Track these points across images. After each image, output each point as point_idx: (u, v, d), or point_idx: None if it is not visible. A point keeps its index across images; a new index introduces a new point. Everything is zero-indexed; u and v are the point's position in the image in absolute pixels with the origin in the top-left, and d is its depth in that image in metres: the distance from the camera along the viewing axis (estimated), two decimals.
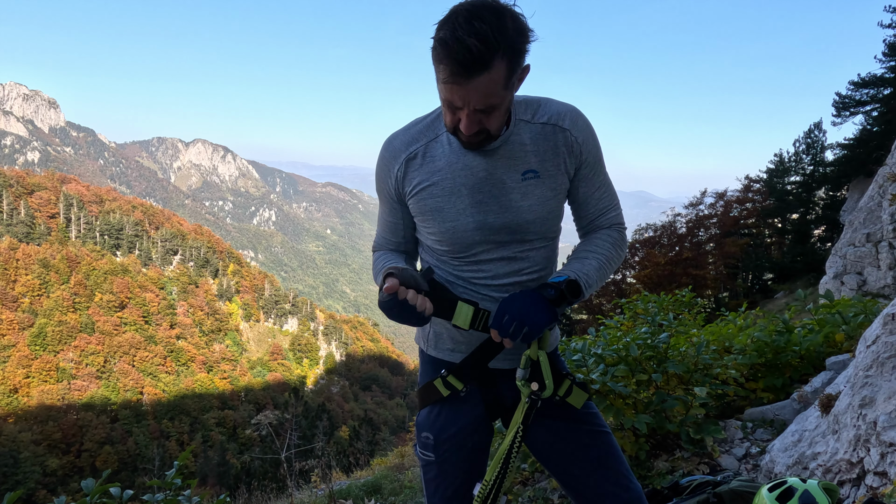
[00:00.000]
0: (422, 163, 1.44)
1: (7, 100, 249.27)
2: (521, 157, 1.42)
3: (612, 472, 1.52)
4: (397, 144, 1.47)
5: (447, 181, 1.42)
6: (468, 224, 1.43)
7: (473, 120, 1.28)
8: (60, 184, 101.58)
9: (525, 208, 1.43)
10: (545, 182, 1.43)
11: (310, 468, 6.20)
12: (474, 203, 1.42)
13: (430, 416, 1.60)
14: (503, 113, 1.32)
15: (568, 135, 1.43)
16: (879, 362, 2.47)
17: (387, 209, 1.57)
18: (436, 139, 1.44)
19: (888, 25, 19.90)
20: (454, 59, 1.16)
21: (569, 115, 1.44)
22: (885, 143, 18.41)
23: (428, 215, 1.46)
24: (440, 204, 1.43)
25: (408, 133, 1.48)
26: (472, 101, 1.23)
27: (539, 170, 1.42)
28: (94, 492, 2.02)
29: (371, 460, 8.71)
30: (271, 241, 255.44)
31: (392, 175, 1.48)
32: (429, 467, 1.62)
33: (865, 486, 2.34)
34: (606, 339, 3.66)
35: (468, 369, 1.55)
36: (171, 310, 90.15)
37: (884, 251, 9.92)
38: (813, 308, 4.49)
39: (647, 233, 26.04)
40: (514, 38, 1.19)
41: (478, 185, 1.41)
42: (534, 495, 3.46)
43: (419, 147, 1.45)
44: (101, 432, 61.16)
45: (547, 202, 1.44)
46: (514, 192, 1.42)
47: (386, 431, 47.86)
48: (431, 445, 1.59)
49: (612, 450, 1.55)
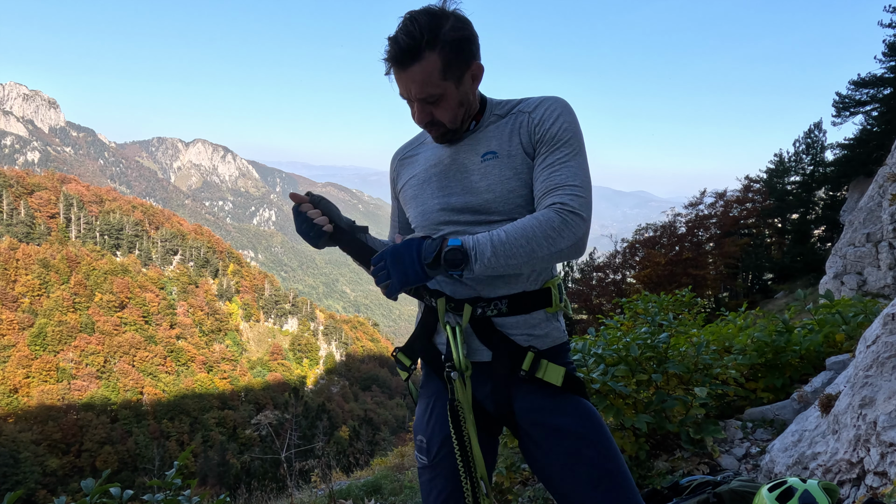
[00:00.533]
0: (409, 163, 1.66)
1: (7, 100, 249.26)
2: (482, 141, 1.51)
3: (612, 493, 1.40)
4: (400, 149, 1.73)
5: (422, 173, 1.59)
6: (434, 206, 1.53)
7: (423, 110, 1.44)
8: (60, 184, 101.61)
9: (484, 188, 1.47)
10: (504, 161, 1.46)
11: (310, 468, 6.20)
12: (440, 187, 1.53)
13: (423, 419, 1.60)
14: (454, 105, 1.44)
15: (527, 116, 1.48)
16: (879, 362, 2.47)
17: (395, 203, 1.76)
18: (422, 144, 1.66)
19: (888, 25, 19.89)
20: (389, 53, 1.37)
21: (536, 102, 1.48)
22: (885, 143, 18.41)
23: (408, 203, 1.62)
24: (416, 192, 1.59)
25: (410, 140, 1.73)
26: (413, 90, 1.40)
27: (497, 150, 1.48)
28: (93, 492, 2.02)
29: (371, 460, 8.70)
30: (271, 241, 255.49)
31: (393, 173, 1.72)
32: (423, 471, 1.59)
33: (865, 486, 2.34)
34: (606, 339, 3.66)
35: (414, 344, 1.61)
36: (171, 310, 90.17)
37: (884, 251, 9.92)
38: (813, 308, 4.49)
39: (647, 233, 26.02)
40: (447, 34, 1.35)
41: (444, 171, 1.54)
42: (534, 495, 3.46)
43: (410, 150, 1.68)
44: (101, 432, 61.18)
45: (506, 181, 1.45)
46: (474, 174, 1.49)
47: (386, 431, 47.86)
48: (425, 449, 1.57)
49: (614, 464, 1.43)
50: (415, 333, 1.61)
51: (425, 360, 1.59)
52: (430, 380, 1.62)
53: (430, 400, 1.60)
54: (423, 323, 1.58)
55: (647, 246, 24.77)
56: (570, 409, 1.46)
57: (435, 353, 1.56)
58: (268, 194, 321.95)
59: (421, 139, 1.67)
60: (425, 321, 1.57)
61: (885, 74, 20.84)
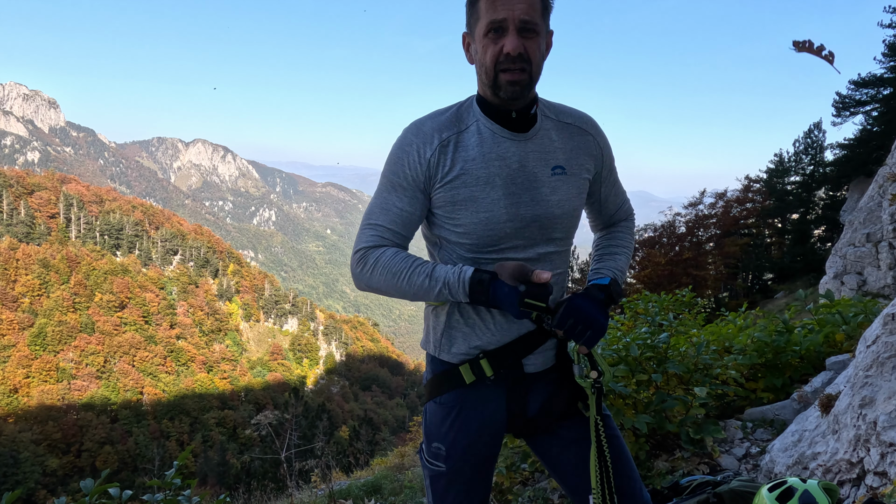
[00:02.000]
0: (455, 150, 1.40)
1: (7, 100, 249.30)
2: (550, 151, 1.46)
3: (623, 481, 1.51)
4: (428, 129, 1.42)
5: (481, 170, 1.39)
6: (502, 215, 1.40)
7: (518, 41, 1.31)
8: (60, 184, 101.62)
9: (554, 203, 1.45)
10: (571, 180, 1.49)
11: (310, 468, 6.20)
12: (508, 194, 1.40)
13: (442, 426, 1.53)
14: (542, 50, 1.37)
15: (591, 139, 1.54)
16: (879, 362, 2.47)
17: (406, 199, 1.43)
18: (466, 129, 1.42)
19: (888, 25, 19.90)
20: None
21: (589, 122, 1.56)
22: (885, 143, 18.40)
23: (460, 205, 1.40)
24: (474, 193, 1.39)
25: (437, 120, 1.44)
26: (517, 9, 1.29)
27: (566, 167, 1.48)
28: (92, 492, 2.02)
29: (371, 460, 8.70)
30: (271, 241, 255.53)
31: (424, 160, 1.40)
32: (438, 478, 1.55)
33: (865, 486, 2.34)
34: (606, 339, 3.65)
35: (503, 357, 1.48)
36: (171, 310, 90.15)
37: (884, 251, 9.92)
38: (813, 308, 4.49)
39: (646, 233, 26.02)
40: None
41: (511, 175, 1.41)
42: (534, 495, 3.46)
43: (451, 135, 1.41)
44: (101, 432, 61.18)
45: (572, 199, 1.49)
46: (544, 186, 1.44)
47: (386, 431, 47.86)
48: (443, 456, 1.53)
49: (624, 457, 1.54)
50: (507, 346, 1.49)
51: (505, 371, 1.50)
52: (464, 390, 1.51)
53: (453, 409, 1.51)
54: (526, 340, 1.49)
55: (647, 246, 24.77)
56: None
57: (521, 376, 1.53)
58: (268, 194, 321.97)
59: (455, 124, 1.43)
60: (531, 339, 1.49)
61: (885, 74, 20.84)
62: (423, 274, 1.37)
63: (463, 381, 1.49)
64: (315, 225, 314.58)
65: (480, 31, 1.34)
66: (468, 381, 1.48)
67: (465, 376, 1.49)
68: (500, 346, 1.48)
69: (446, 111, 1.45)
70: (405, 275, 1.38)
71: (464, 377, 1.49)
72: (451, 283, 1.35)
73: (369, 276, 1.43)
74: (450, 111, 1.45)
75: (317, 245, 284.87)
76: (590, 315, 1.36)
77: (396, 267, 1.39)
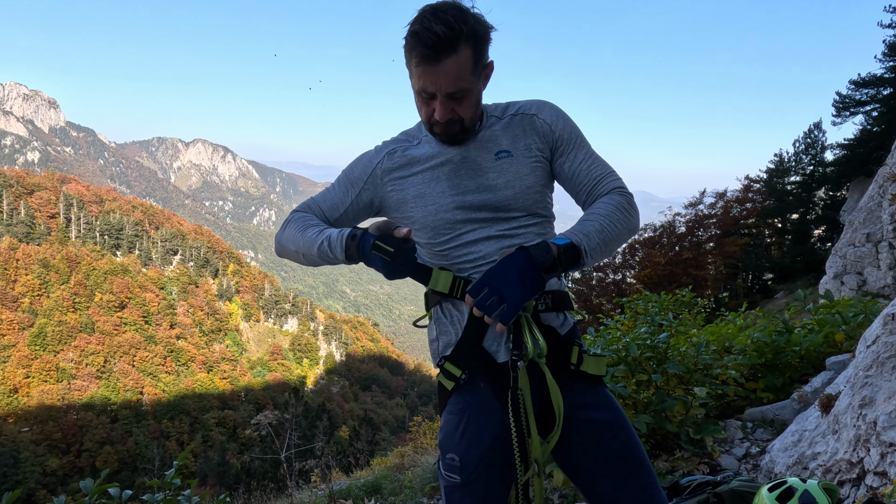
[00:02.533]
0: (402, 156, 1.55)
1: (7, 100, 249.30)
2: (492, 140, 1.51)
3: (640, 482, 1.43)
4: (386, 143, 1.60)
5: (426, 169, 1.51)
6: (448, 204, 1.47)
7: (446, 107, 1.38)
8: (60, 184, 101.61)
9: (502, 185, 1.48)
10: (518, 160, 1.50)
11: (310, 468, 6.19)
12: (452, 186, 1.48)
13: (454, 436, 1.48)
14: (474, 102, 1.42)
15: (535, 118, 1.54)
16: (879, 362, 2.47)
17: (342, 191, 1.59)
18: (418, 142, 1.56)
19: (888, 25, 19.90)
20: (424, 44, 1.29)
21: (535, 104, 1.56)
22: (885, 143, 18.39)
23: (410, 202, 1.52)
24: (421, 190, 1.50)
25: (393, 138, 1.62)
26: (443, 84, 1.34)
27: (511, 149, 1.50)
28: (92, 492, 2.02)
29: (371, 460, 8.69)
30: (271, 241, 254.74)
31: (372, 164, 1.56)
32: (453, 489, 1.50)
33: (865, 486, 2.34)
34: (606, 340, 3.65)
35: (462, 351, 1.46)
36: (171, 310, 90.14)
37: (884, 251, 9.92)
38: (813, 308, 4.49)
39: (646, 233, 26.00)
40: (476, 28, 1.34)
41: (454, 169, 1.49)
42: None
43: (401, 146, 1.57)
44: (101, 432, 61.18)
45: (523, 178, 1.49)
46: (489, 172, 1.49)
47: (386, 431, 47.89)
48: (458, 468, 1.47)
49: (640, 455, 1.45)
50: (462, 339, 1.47)
51: (474, 366, 1.46)
52: (466, 392, 1.48)
53: (463, 416, 1.48)
54: (471, 326, 1.45)
55: (647, 246, 24.76)
56: (600, 401, 1.48)
57: (485, 357, 1.45)
58: (268, 194, 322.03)
59: (407, 138, 1.58)
60: (474, 324, 1.44)
61: (885, 74, 20.85)
62: (316, 230, 1.49)
63: (447, 389, 1.49)
64: None
65: (413, 87, 1.40)
66: (448, 388, 1.49)
67: (444, 384, 1.50)
68: (457, 341, 1.47)
69: (406, 131, 1.62)
70: (302, 229, 1.52)
71: (445, 385, 1.49)
72: (332, 237, 1.43)
73: (281, 234, 1.58)
74: (408, 131, 1.61)
75: None
76: (505, 284, 1.28)
77: (301, 223, 1.54)
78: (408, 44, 1.34)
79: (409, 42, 1.33)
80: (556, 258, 1.31)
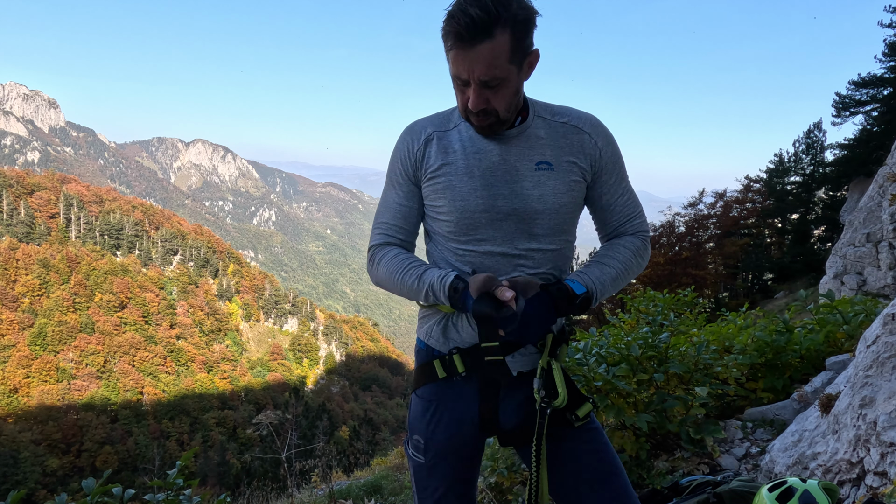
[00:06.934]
0: (439, 144, 1.47)
1: (7, 100, 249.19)
2: (536, 147, 1.45)
3: (611, 491, 1.47)
4: (418, 127, 1.51)
5: (461, 162, 1.44)
6: (477, 205, 1.42)
7: (481, 96, 1.32)
8: (60, 184, 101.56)
9: (535, 197, 1.42)
10: (558, 175, 1.44)
11: (310, 468, 6.19)
12: (485, 185, 1.43)
13: (423, 420, 1.55)
14: (511, 93, 1.35)
15: (586, 137, 1.47)
16: (879, 362, 2.47)
17: (402, 194, 1.53)
18: (454, 128, 1.48)
19: (888, 25, 19.88)
20: (458, 26, 1.24)
21: (590, 121, 1.49)
22: (885, 143, 18.39)
23: (440, 193, 1.46)
24: (453, 182, 1.44)
25: (427, 119, 1.53)
26: (477, 70, 1.28)
27: (553, 162, 1.44)
28: (94, 492, 2.02)
29: (371, 460, 8.71)
30: (271, 241, 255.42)
31: (412, 154, 1.49)
32: (419, 468, 1.59)
33: (865, 486, 2.34)
34: (609, 340, 3.65)
35: (476, 354, 1.47)
36: (171, 310, 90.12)
37: (884, 251, 9.92)
38: (813, 308, 4.49)
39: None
40: (517, 12, 1.25)
41: (490, 168, 1.43)
42: None
43: (436, 131, 1.49)
44: (101, 432, 61.15)
45: (559, 195, 1.44)
46: (525, 180, 1.43)
47: (386, 431, 47.87)
48: (422, 448, 1.56)
49: (614, 466, 1.49)
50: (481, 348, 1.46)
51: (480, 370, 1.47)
52: (444, 385, 1.52)
53: (433, 403, 1.54)
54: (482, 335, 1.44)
55: None
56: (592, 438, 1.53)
57: (500, 367, 1.46)
58: (268, 194, 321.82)
59: (443, 122, 1.50)
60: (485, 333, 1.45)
61: (885, 74, 20.82)
62: (413, 276, 1.45)
63: (436, 376, 1.51)
64: (315, 225, 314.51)
65: (450, 73, 1.35)
66: (441, 377, 1.50)
67: (437, 371, 1.51)
68: (474, 343, 1.48)
69: (443, 111, 1.53)
70: (399, 275, 1.47)
71: (437, 372, 1.51)
72: (434, 287, 1.41)
73: (376, 274, 1.54)
74: (442, 113, 1.53)
75: (317, 245, 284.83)
76: (530, 321, 1.35)
77: (392, 266, 1.48)
78: (444, 27, 1.28)
79: (445, 25, 1.27)
80: (573, 307, 1.39)
